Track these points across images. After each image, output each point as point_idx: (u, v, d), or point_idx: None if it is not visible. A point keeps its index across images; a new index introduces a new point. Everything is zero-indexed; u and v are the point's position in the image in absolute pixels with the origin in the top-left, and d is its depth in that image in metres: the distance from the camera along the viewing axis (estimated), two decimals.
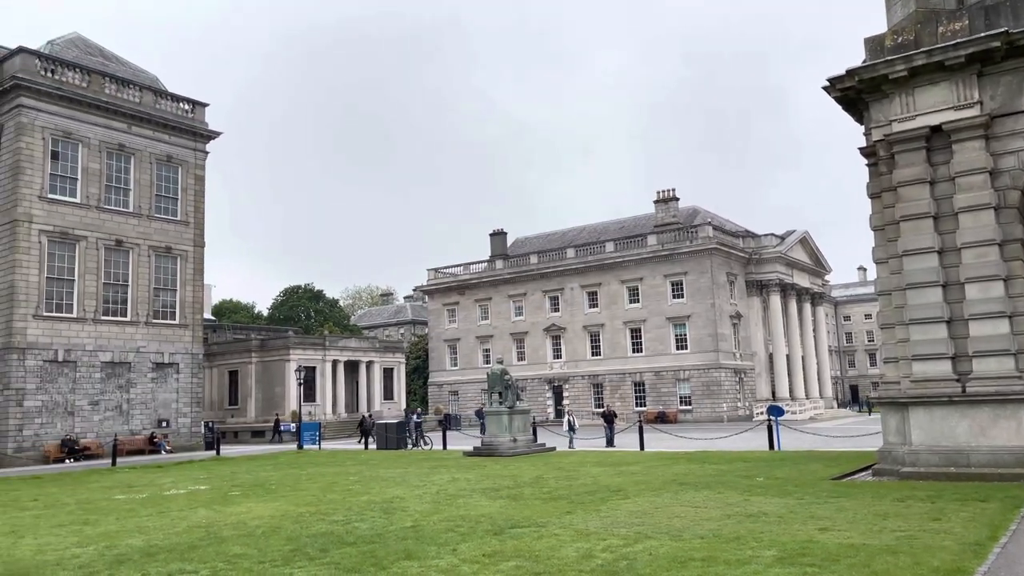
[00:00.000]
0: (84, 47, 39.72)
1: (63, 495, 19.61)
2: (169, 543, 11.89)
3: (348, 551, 10.77)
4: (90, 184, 35.79)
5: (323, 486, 19.44)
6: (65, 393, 34.18)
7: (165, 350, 37.84)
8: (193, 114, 40.62)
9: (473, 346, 65.84)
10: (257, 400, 51.79)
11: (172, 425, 37.72)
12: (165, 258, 38.38)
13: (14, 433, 32.29)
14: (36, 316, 33.35)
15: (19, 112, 33.70)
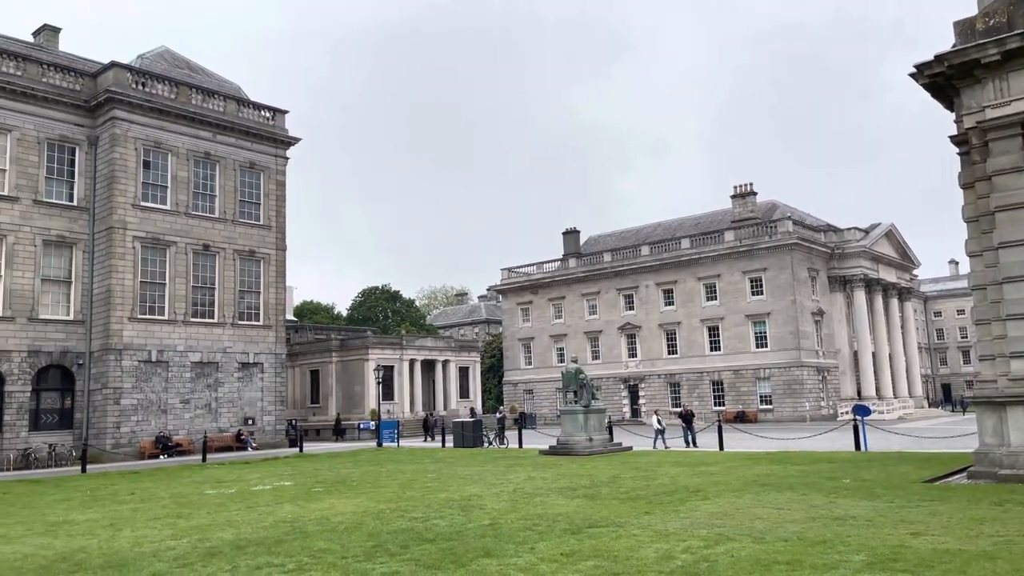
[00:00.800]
0: (172, 60, 41.46)
1: (158, 489, 20.52)
2: (257, 537, 12.30)
3: (428, 548, 10.93)
4: (179, 191, 37.34)
5: (402, 483, 19.78)
6: (158, 392, 35.76)
7: (250, 350, 39.17)
8: (273, 121, 41.92)
9: (547, 345, 65.86)
10: (338, 398, 53.05)
11: (257, 423, 39.01)
12: (249, 261, 39.72)
13: (112, 430, 33.96)
14: (131, 318, 34.99)
15: (113, 124, 35.42)
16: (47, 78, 35.28)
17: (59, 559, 11.02)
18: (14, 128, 33.75)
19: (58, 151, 35.30)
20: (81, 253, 35.41)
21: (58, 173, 35.21)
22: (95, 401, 34.62)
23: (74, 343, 34.81)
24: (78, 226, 35.43)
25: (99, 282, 35.19)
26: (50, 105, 34.93)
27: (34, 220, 34.03)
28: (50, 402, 34.47)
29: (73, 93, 35.75)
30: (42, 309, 34.06)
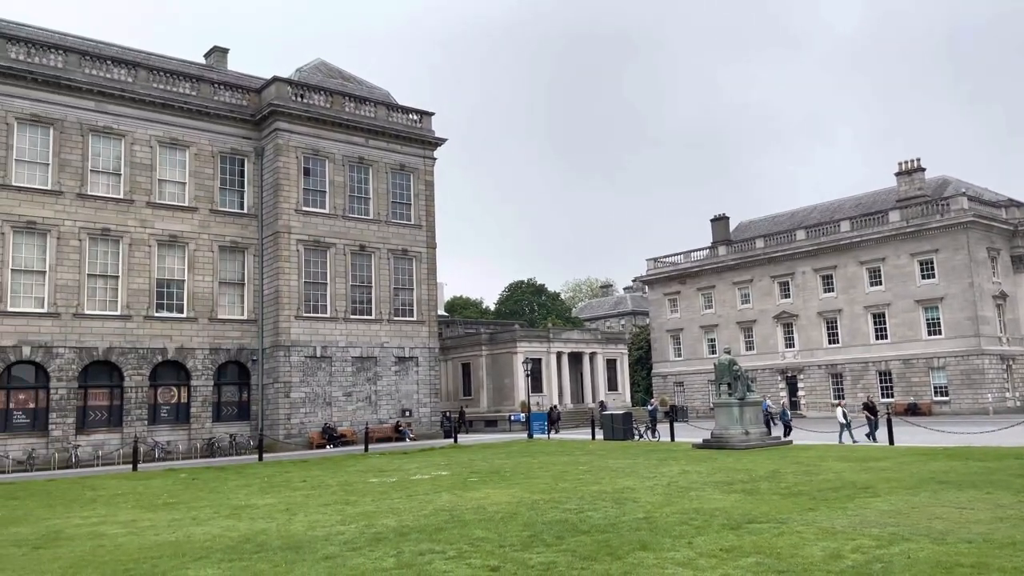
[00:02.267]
0: (326, 71, 43.79)
1: (326, 477, 21.78)
2: (418, 524, 12.78)
3: (583, 539, 10.95)
4: (336, 195, 39.42)
5: (554, 475, 19.92)
6: (323, 385, 37.96)
7: (405, 345, 40.79)
8: (421, 124, 43.35)
9: (697, 336, 64.27)
10: (488, 391, 54.25)
11: (414, 414, 40.58)
12: (402, 260, 41.34)
13: (284, 421, 36.41)
14: (298, 316, 37.34)
15: (276, 135, 37.89)
16: (218, 96, 38.23)
17: (243, 540, 11.92)
18: (191, 144, 36.84)
19: (229, 163, 38.18)
20: (252, 257, 38.14)
21: (230, 183, 38.10)
22: (268, 394, 37.24)
23: (248, 340, 37.59)
24: (248, 232, 38.18)
25: (268, 283, 37.79)
26: (221, 121, 37.84)
27: (211, 228, 37.00)
28: (229, 395, 37.41)
29: (241, 108, 38.55)
30: (220, 310, 36.99)
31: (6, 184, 31.89)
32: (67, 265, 32.99)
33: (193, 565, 10.14)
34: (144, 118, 35.57)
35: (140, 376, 34.26)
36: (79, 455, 31.80)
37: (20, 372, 32.02)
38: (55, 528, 13.91)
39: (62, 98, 33.52)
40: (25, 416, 31.86)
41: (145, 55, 39.79)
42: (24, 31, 36.01)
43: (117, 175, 34.80)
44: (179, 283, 35.96)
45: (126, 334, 34.10)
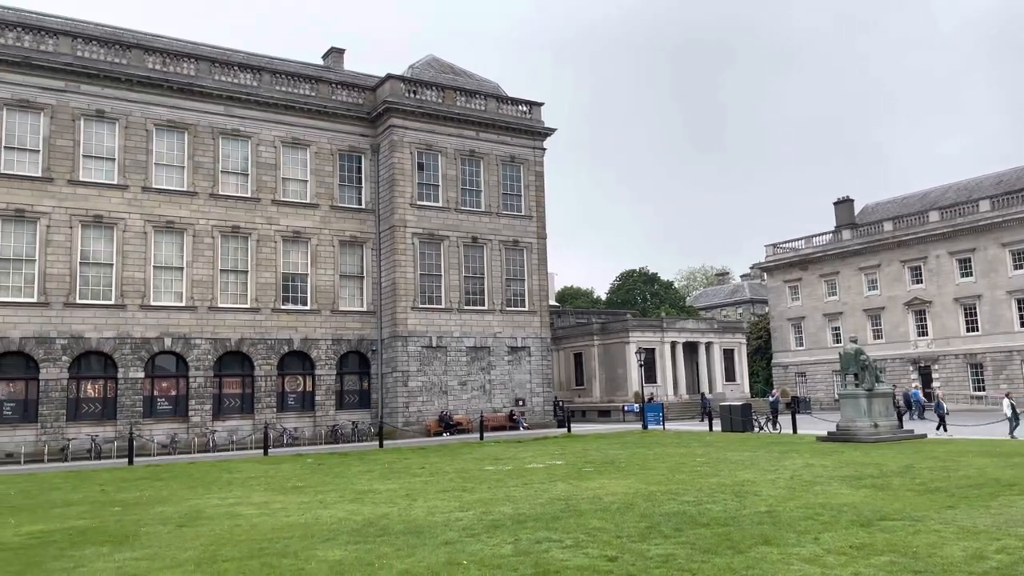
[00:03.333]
0: (438, 67, 44.60)
1: (443, 464, 22.27)
2: (534, 512, 12.86)
3: (702, 532, 10.71)
4: (448, 189, 40.14)
5: (671, 466, 19.60)
6: (439, 374, 38.82)
7: (518, 335, 41.13)
8: (530, 114, 43.48)
9: (820, 324, 61.61)
10: (601, 381, 53.98)
11: (527, 403, 40.89)
12: (513, 251, 41.68)
13: (402, 409, 37.51)
14: (414, 308, 38.32)
15: (391, 131, 38.93)
16: (336, 95, 39.63)
17: (367, 524, 12.35)
18: (312, 143, 38.38)
19: (347, 160, 39.55)
20: (370, 251, 39.42)
21: (348, 180, 39.47)
22: (387, 383, 38.44)
23: (368, 331, 38.90)
24: (366, 226, 39.45)
25: (385, 276, 38.96)
26: (339, 120, 39.23)
27: (331, 223, 38.47)
28: (351, 384, 38.87)
29: (357, 107, 39.82)
30: (340, 302, 38.44)
31: (148, 187, 34.21)
32: (202, 261, 35.09)
33: (321, 546, 10.59)
34: (268, 120, 37.32)
35: (269, 366, 36.08)
36: (216, 440, 33.85)
37: (163, 362, 34.37)
38: (196, 508, 14.85)
39: (195, 104, 35.61)
40: (168, 403, 34.20)
41: (268, 59, 41.72)
42: (159, 42, 38.45)
43: (245, 175, 36.70)
44: (303, 277, 37.60)
45: (255, 326, 35.99)
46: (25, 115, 32.25)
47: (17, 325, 31.06)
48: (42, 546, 11.28)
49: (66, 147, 32.80)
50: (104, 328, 32.66)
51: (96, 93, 33.54)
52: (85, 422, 32.11)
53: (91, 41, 34.17)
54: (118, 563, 9.90)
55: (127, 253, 33.50)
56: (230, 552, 10.36)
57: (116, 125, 33.94)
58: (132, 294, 33.39)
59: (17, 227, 31.60)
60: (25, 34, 32.77)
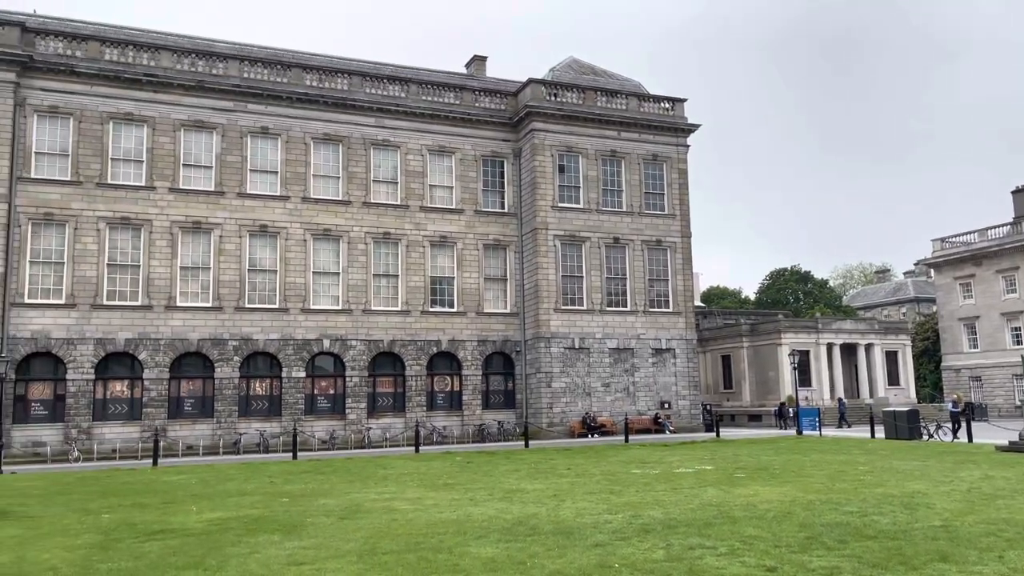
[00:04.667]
0: (578, 68, 44.64)
1: (589, 466, 22.20)
2: (685, 518, 12.55)
3: (869, 545, 10.08)
4: (589, 190, 40.07)
5: (830, 474, 18.59)
6: (582, 376, 38.81)
7: (662, 336, 40.43)
8: (673, 111, 42.67)
9: (997, 324, 56.55)
10: (751, 384, 52.08)
11: (673, 407, 40.09)
12: (656, 251, 41.02)
13: (546, 410, 37.77)
14: (556, 309, 38.52)
15: (532, 135, 39.35)
16: (479, 102, 40.54)
17: (517, 523, 12.50)
18: (457, 150, 39.43)
19: (490, 165, 40.34)
20: (512, 253, 40.00)
21: (491, 185, 40.25)
22: (531, 384, 38.84)
23: (511, 333, 39.47)
24: (509, 230, 40.06)
25: (528, 278, 39.39)
26: (482, 126, 40.09)
27: (476, 228, 39.36)
28: (496, 384, 39.59)
29: (499, 112, 40.55)
30: (485, 304, 39.24)
31: (307, 197, 36.34)
32: (356, 267, 36.86)
33: (474, 543, 10.81)
34: (416, 129, 38.70)
35: (419, 366, 37.37)
36: (371, 436, 35.45)
37: (322, 362, 36.38)
38: (356, 501, 15.57)
39: (348, 117, 37.48)
40: (326, 401, 36.15)
41: (414, 71, 43.27)
42: (315, 60, 40.76)
43: (394, 183, 38.22)
44: (449, 280, 38.69)
45: (406, 328, 37.39)
46: (200, 134, 35.10)
47: (195, 328, 33.83)
48: (221, 532, 12.20)
49: (235, 163, 35.41)
50: (270, 330, 34.99)
51: (261, 111, 36.01)
52: (254, 418, 34.51)
53: (256, 63, 36.72)
54: (288, 551, 10.53)
55: (289, 260, 35.72)
56: (388, 545, 10.77)
57: (278, 140, 36.30)
58: (294, 298, 35.56)
59: (195, 238, 34.43)
60: (199, 60, 35.67)
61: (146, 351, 32.97)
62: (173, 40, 37.85)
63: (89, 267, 32.61)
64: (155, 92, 34.37)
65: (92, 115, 33.39)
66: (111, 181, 33.39)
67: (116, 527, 12.97)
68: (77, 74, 33.16)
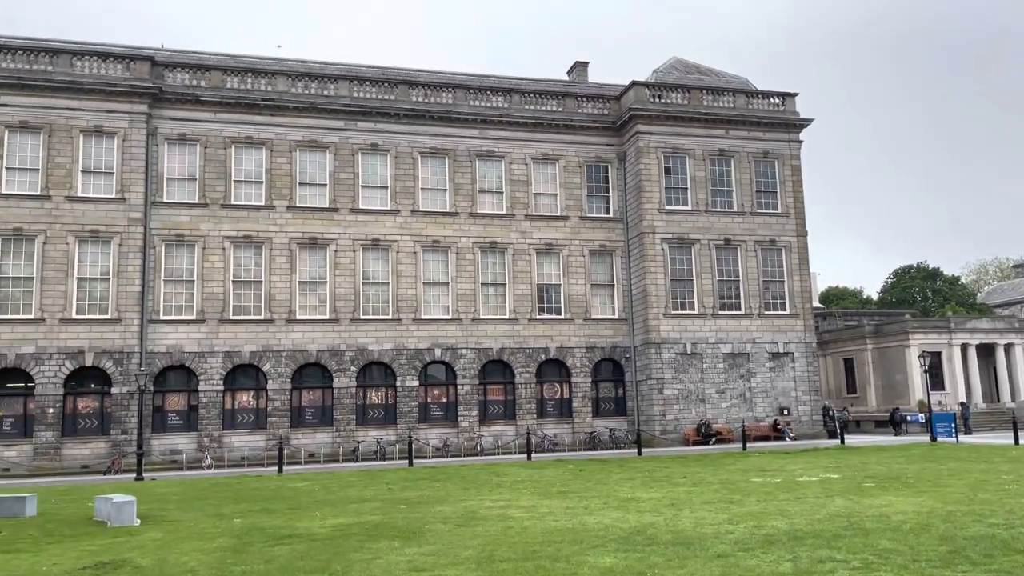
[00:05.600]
0: (682, 68, 43.83)
1: (706, 474, 21.60)
2: (812, 529, 11.99)
3: (1018, 559, 9.32)
4: (697, 191, 39.19)
5: (970, 484, 17.37)
6: (695, 382, 37.90)
7: (779, 340, 38.99)
8: (783, 106, 41.23)
9: None
10: (876, 388, 49.49)
11: (792, 412, 38.55)
12: (769, 251, 39.65)
13: (658, 417, 37.08)
14: (666, 314, 37.81)
15: (637, 138, 38.88)
16: (581, 108, 40.42)
17: (634, 532, 12.27)
18: (560, 157, 39.43)
19: (594, 171, 40.11)
20: (619, 258, 39.57)
21: (595, 190, 40.00)
22: (642, 391, 38.25)
23: (620, 338, 39.02)
24: (615, 235, 39.68)
25: (636, 283, 38.87)
26: (585, 132, 39.94)
27: (581, 234, 39.20)
28: (606, 391, 39.21)
29: (602, 117, 40.29)
30: (593, 310, 38.97)
31: (416, 210, 37.19)
32: (464, 276, 37.39)
33: (591, 552, 10.67)
34: (519, 138, 38.95)
35: (528, 373, 37.49)
36: (483, 444, 35.79)
37: (433, 371, 37.04)
38: (471, 509, 15.72)
39: (453, 130, 38.14)
40: (439, 409, 36.77)
41: (517, 80, 43.59)
42: (421, 76, 41.66)
43: (499, 193, 38.58)
44: (556, 287, 38.65)
45: (514, 335, 37.59)
46: (314, 153, 36.54)
47: (314, 339, 35.16)
48: (344, 538, 12.55)
49: (347, 179, 36.66)
50: (384, 340, 35.94)
51: (370, 129, 37.15)
52: (371, 426, 35.50)
53: (364, 82, 37.95)
54: (408, 557, 10.71)
55: (400, 272, 36.62)
56: (505, 553, 10.78)
57: (387, 156, 37.33)
58: (406, 309, 36.41)
59: (311, 253, 35.83)
60: (311, 82, 37.18)
61: (269, 363, 34.52)
62: (288, 65, 39.60)
63: (216, 284, 34.47)
64: (272, 115, 36.05)
65: (216, 140, 35.36)
66: (234, 202, 35.21)
67: (247, 531, 13.57)
68: (202, 102, 35.20)
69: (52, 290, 32.28)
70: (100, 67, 34.28)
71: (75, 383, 32.50)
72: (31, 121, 32.94)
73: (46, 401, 31.67)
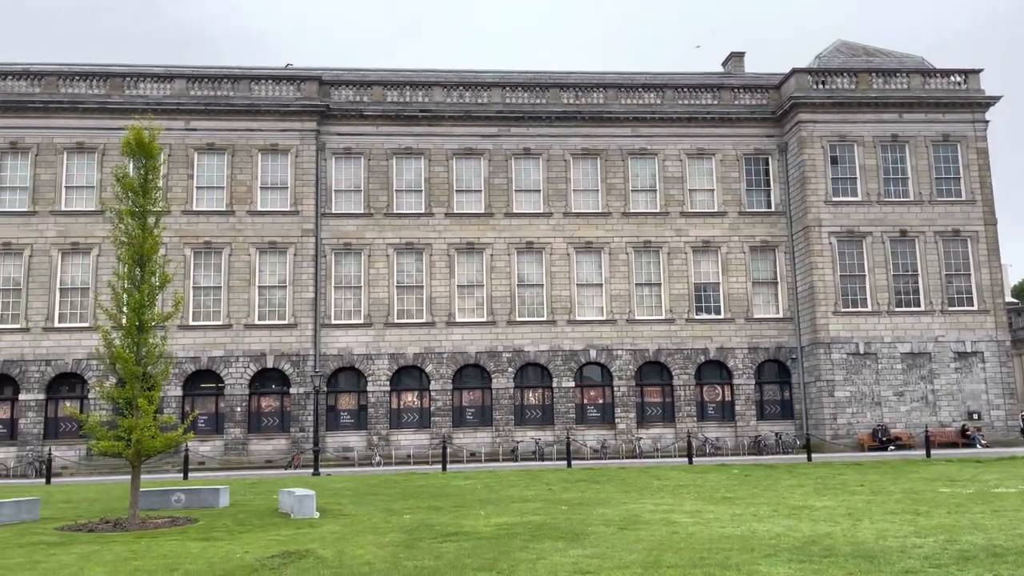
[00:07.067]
0: (848, 51, 41.29)
1: (885, 483, 20.15)
2: (1013, 545, 10.87)
3: None
4: (868, 180, 36.76)
5: None
6: (870, 384, 35.51)
7: (965, 338, 35.82)
8: (966, 84, 37.91)
9: None
10: None
11: (983, 418, 35.28)
12: (952, 242, 36.55)
13: (829, 421, 35.05)
14: (835, 312, 35.70)
15: (799, 128, 37.00)
16: (738, 100, 39.02)
17: (808, 542, 11.60)
18: (716, 151, 38.23)
19: (753, 164, 38.58)
20: (782, 254, 37.81)
21: (755, 184, 38.46)
22: (810, 393, 36.32)
23: (785, 338, 37.26)
24: (777, 230, 37.97)
25: (801, 280, 36.98)
26: (743, 124, 38.51)
27: (740, 230, 37.81)
28: (770, 394, 37.57)
29: (761, 108, 38.70)
30: (755, 309, 37.46)
31: (568, 212, 37.30)
32: (618, 277, 37.06)
33: (764, 561, 10.19)
34: (672, 134, 38.15)
35: (686, 375, 36.60)
36: (641, 447, 35.29)
37: (589, 372, 37.00)
38: (633, 512, 15.48)
39: (604, 129, 37.94)
40: (595, 410, 36.67)
41: (668, 76, 42.72)
42: (571, 78, 41.65)
43: (652, 191, 37.95)
44: (714, 286, 37.50)
45: (671, 336, 36.82)
46: (469, 160, 37.53)
47: (473, 341, 36.08)
48: (508, 537, 12.72)
49: (501, 184, 37.35)
50: (539, 342, 36.30)
51: (522, 133, 37.67)
52: (528, 426, 35.94)
53: (516, 88, 38.53)
54: (572, 559, 10.68)
55: (553, 274, 36.85)
56: (672, 559, 10.51)
57: (540, 159, 37.70)
58: (560, 310, 36.58)
59: (468, 258, 36.79)
60: (465, 91, 38.21)
61: (431, 364, 35.76)
62: (443, 76, 40.91)
63: (381, 289, 36.14)
64: (430, 125, 37.37)
65: (379, 152, 37.10)
66: (396, 211, 36.80)
67: (416, 527, 14.07)
68: (365, 117, 37.07)
69: (237, 298, 35.07)
70: (274, 89, 36.91)
71: (258, 384, 35.13)
72: (216, 143, 35.96)
73: (234, 400, 34.43)
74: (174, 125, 34.66)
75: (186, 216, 35.19)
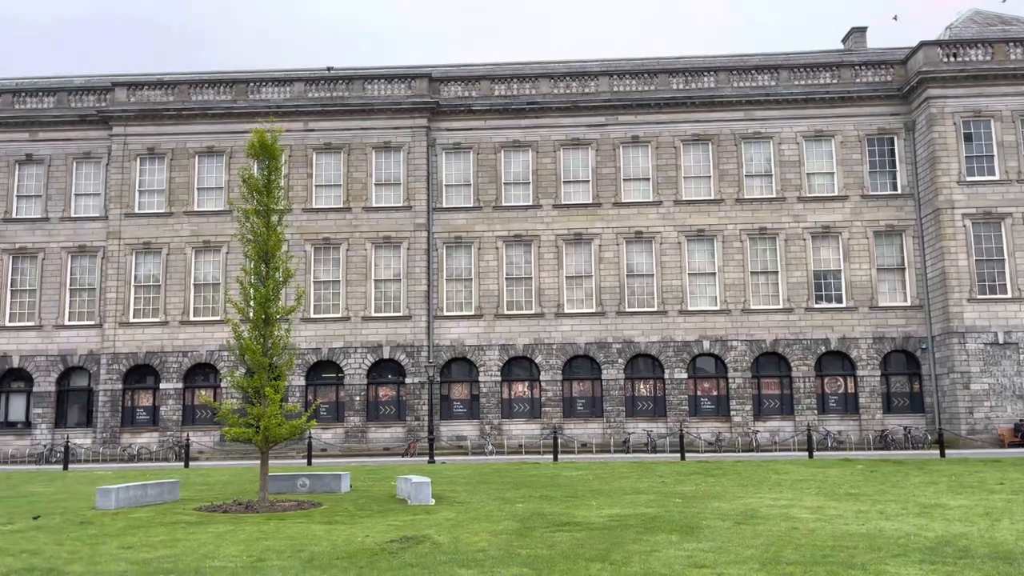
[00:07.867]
0: (982, 20, 38.50)
1: None
2: None
3: None
4: (1007, 158, 34.22)
5: None
6: (1010, 376, 33.13)
7: None
8: None
9: None
10: None
11: None
12: None
13: (964, 415, 32.93)
14: (970, 300, 33.46)
15: (928, 104, 34.81)
16: (860, 78, 37.09)
17: (941, 542, 10.98)
18: (836, 132, 36.51)
19: (877, 144, 36.62)
20: (910, 239, 35.76)
21: (879, 165, 36.51)
22: (942, 386, 34.24)
23: (914, 328, 35.26)
24: (904, 213, 35.94)
25: (931, 265, 34.87)
26: (865, 102, 36.58)
27: (863, 214, 35.99)
28: (898, 386, 35.65)
29: (884, 85, 36.66)
30: (880, 297, 35.61)
31: (679, 200, 36.54)
32: (732, 265, 36.06)
33: (892, 561, 9.72)
34: (788, 117, 36.71)
35: (806, 366, 35.23)
36: (758, 440, 34.26)
37: (702, 363, 36.21)
38: (750, 507, 15.07)
39: (716, 114, 36.93)
40: (709, 403, 35.87)
41: (784, 56, 41.09)
42: (680, 63, 40.66)
43: (768, 176, 36.67)
44: (835, 273, 35.91)
45: (789, 326, 35.52)
46: (576, 151, 37.38)
47: (582, 332, 36.00)
48: (621, 529, 12.65)
49: (609, 174, 37.01)
50: (650, 333, 35.81)
51: (630, 121, 37.18)
52: (640, 418, 35.57)
53: (624, 76, 38.04)
54: (687, 552, 10.52)
55: (664, 263, 36.23)
56: (791, 555, 10.18)
57: (648, 147, 37.11)
58: (671, 300, 35.96)
59: (576, 248, 36.70)
60: (572, 81, 38.05)
61: (541, 355, 35.93)
62: (549, 67, 40.86)
63: (491, 281, 36.58)
64: (537, 117, 37.44)
65: (487, 146, 37.51)
66: (504, 203, 37.11)
67: (529, 516, 14.21)
68: (473, 112, 37.54)
69: (354, 291, 36.35)
70: (386, 88, 37.92)
71: (375, 374, 36.33)
72: (333, 143, 37.32)
73: (353, 389, 35.75)
74: (293, 127, 36.22)
75: (306, 214, 36.74)
